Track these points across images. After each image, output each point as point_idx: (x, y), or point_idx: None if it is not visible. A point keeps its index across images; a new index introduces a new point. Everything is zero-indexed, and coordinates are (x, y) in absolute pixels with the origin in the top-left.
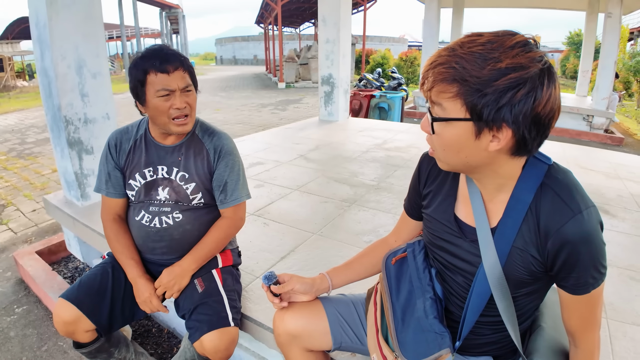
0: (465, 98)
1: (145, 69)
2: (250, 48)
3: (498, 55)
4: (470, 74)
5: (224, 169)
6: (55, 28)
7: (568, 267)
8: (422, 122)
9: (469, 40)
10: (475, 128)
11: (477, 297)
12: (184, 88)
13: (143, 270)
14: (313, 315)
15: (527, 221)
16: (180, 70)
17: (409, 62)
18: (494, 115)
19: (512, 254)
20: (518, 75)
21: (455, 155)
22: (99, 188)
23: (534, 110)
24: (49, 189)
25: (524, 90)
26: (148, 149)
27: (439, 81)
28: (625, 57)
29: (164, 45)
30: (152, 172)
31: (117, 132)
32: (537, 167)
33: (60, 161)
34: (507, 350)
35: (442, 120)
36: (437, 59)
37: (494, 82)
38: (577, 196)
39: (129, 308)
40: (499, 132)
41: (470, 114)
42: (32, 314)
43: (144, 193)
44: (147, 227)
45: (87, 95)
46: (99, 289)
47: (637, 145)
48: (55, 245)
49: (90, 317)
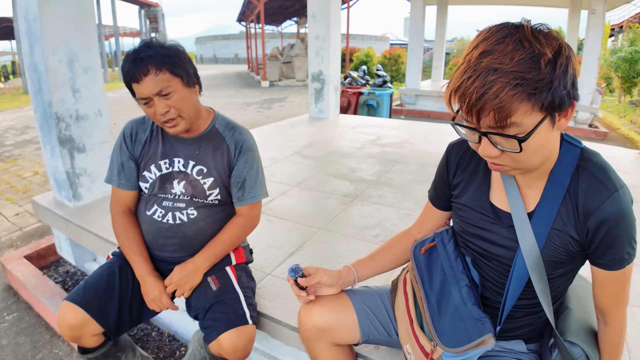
0: (541, 103)
1: (124, 76)
2: (231, 47)
3: (539, 49)
4: (536, 80)
5: (244, 165)
6: (45, 21)
7: (606, 244)
8: (485, 149)
9: (500, 52)
10: (551, 119)
11: (516, 281)
12: (159, 92)
13: (152, 267)
14: (341, 309)
15: (565, 203)
16: (151, 74)
17: (392, 60)
18: (567, 100)
19: (551, 236)
20: (563, 55)
21: (540, 155)
22: (110, 179)
23: (574, 74)
24: (31, 192)
25: (570, 64)
26: (165, 140)
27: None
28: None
29: (144, 42)
30: (168, 164)
31: (134, 121)
32: (570, 151)
33: (50, 160)
34: (535, 333)
35: (529, 136)
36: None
37: (555, 74)
38: (612, 176)
39: (137, 309)
40: (569, 108)
41: (546, 111)
42: (23, 321)
43: (159, 186)
44: (159, 222)
45: (79, 90)
46: (106, 289)
47: (620, 139)
48: (44, 249)
49: (97, 320)
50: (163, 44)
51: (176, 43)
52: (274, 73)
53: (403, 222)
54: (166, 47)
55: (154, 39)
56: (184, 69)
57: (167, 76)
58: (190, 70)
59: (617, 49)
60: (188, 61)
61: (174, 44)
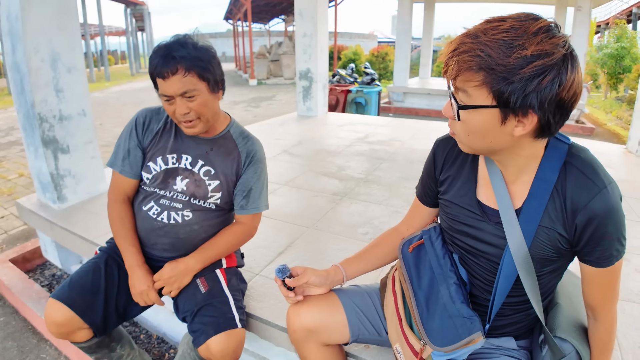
0: (491, 86)
1: (151, 68)
2: (218, 45)
3: (523, 42)
4: (497, 63)
5: (252, 175)
6: (28, 20)
7: (594, 241)
8: (445, 108)
9: (492, 27)
10: (501, 114)
11: (504, 279)
12: (183, 94)
13: (143, 260)
14: (330, 308)
15: (552, 200)
16: (179, 74)
17: (380, 58)
18: (520, 102)
19: (539, 233)
20: (543, 62)
21: (480, 140)
22: (114, 164)
23: (559, 95)
24: (16, 194)
25: (549, 76)
26: (177, 135)
27: (464, 69)
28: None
29: (178, 39)
30: (175, 160)
31: (148, 110)
32: (558, 147)
33: (34, 162)
34: (525, 330)
35: (468, 107)
36: (459, 45)
37: (520, 70)
38: (600, 172)
39: (123, 306)
40: (524, 118)
41: (497, 101)
42: (9, 325)
43: (162, 179)
44: (154, 220)
45: (62, 90)
46: (92, 286)
47: (607, 135)
48: (30, 252)
49: (83, 318)
50: (196, 44)
51: (209, 45)
52: (261, 71)
53: (392, 219)
54: (199, 48)
55: (188, 37)
56: (212, 74)
57: (195, 79)
58: (217, 76)
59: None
60: (217, 65)
61: (206, 46)
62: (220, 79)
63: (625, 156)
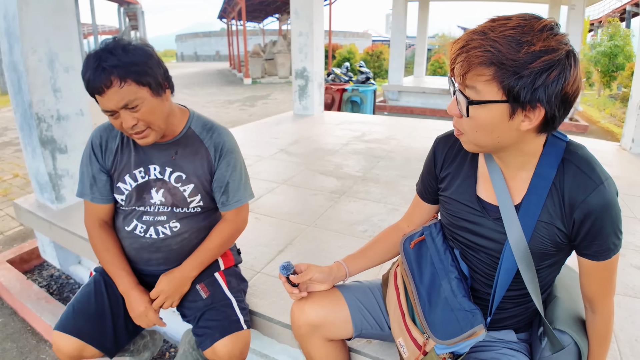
0: (501, 81)
1: (85, 84)
2: (212, 44)
3: (530, 39)
4: (507, 57)
5: (226, 169)
6: (25, 19)
7: (592, 235)
8: (450, 106)
9: (499, 24)
10: (510, 109)
11: (504, 272)
12: (125, 106)
13: (136, 281)
14: (333, 304)
15: (551, 195)
16: (114, 86)
17: (375, 57)
18: (530, 96)
19: (538, 228)
20: (550, 57)
21: (488, 136)
22: (82, 193)
23: (564, 90)
24: (12, 195)
25: (556, 71)
26: (137, 147)
27: (475, 64)
28: (586, 48)
29: (106, 46)
30: (143, 173)
31: (101, 129)
32: (556, 144)
33: (32, 162)
34: (525, 323)
35: (479, 103)
36: (469, 42)
37: (529, 64)
38: (597, 168)
39: (132, 323)
40: (531, 112)
41: (507, 96)
42: (8, 326)
43: (136, 197)
44: (142, 238)
45: (60, 90)
46: (96, 312)
47: (600, 132)
48: (27, 253)
49: (94, 345)
50: (127, 47)
51: (143, 44)
52: (256, 70)
53: (390, 217)
54: (131, 51)
55: (117, 41)
56: (152, 76)
57: (133, 87)
58: (159, 77)
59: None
60: (157, 65)
61: (139, 46)
62: (163, 79)
63: (619, 153)
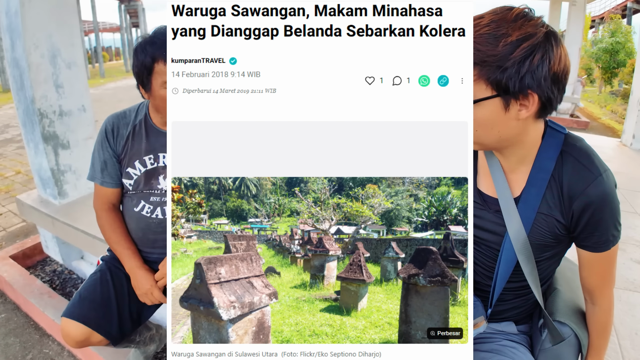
0: (487, 77)
1: (155, 56)
2: None
3: (506, 31)
4: (487, 54)
5: None
6: (27, 15)
7: (591, 227)
8: None
9: (474, 25)
10: (503, 102)
11: (505, 265)
12: None
13: (141, 261)
14: None
15: (550, 187)
16: None
17: None
18: (519, 85)
19: (537, 220)
20: (529, 43)
21: (489, 133)
22: (93, 177)
23: (551, 70)
24: (14, 192)
25: (538, 55)
26: (149, 135)
27: None
28: (587, 45)
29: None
30: (152, 160)
31: (114, 116)
32: (555, 137)
33: (34, 158)
34: (525, 315)
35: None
36: None
37: (510, 55)
38: (596, 160)
39: (137, 312)
40: (525, 100)
41: (497, 90)
42: (11, 321)
43: (144, 182)
44: (148, 218)
45: (62, 86)
46: (102, 300)
47: (601, 129)
48: (30, 249)
49: (99, 331)
50: None
51: None
52: None
53: None
54: None
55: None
56: None
57: None
58: None
59: (598, 40)
60: None
61: None
62: None
63: (620, 149)
